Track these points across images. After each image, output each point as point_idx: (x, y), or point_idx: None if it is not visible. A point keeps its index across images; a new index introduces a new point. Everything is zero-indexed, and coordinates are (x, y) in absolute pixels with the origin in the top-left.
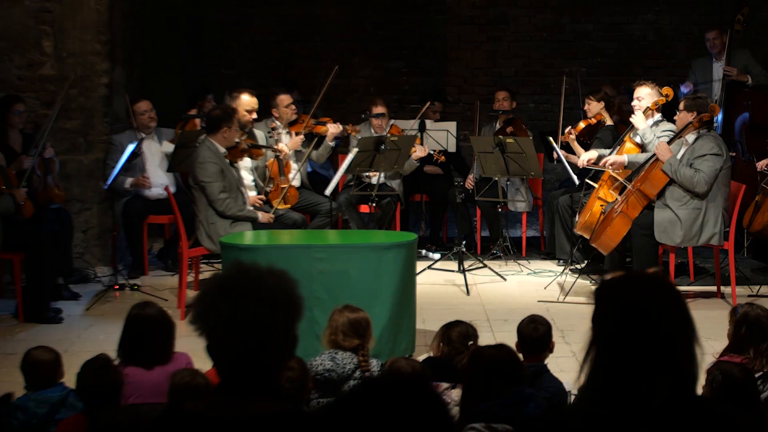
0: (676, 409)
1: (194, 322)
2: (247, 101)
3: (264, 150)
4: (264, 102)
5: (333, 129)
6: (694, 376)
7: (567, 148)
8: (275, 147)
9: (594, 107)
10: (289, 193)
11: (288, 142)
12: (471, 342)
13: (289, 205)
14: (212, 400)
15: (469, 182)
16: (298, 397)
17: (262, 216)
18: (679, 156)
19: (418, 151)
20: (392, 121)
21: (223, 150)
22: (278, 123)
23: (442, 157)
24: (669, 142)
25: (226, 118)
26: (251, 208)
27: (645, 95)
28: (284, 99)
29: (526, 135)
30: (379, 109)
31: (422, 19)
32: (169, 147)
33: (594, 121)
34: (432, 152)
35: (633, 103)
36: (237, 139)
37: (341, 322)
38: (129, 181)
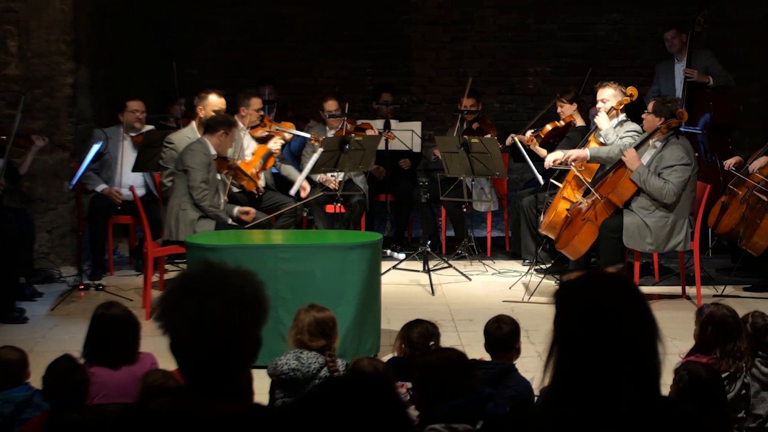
0: (641, 410)
1: (158, 320)
2: (215, 102)
3: (247, 179)
4: (230, 101)
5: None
6: (658, 375)
7: (530, 151)
8: (258, 184)
9: (567, 109)
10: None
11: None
12: (432, 342)
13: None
14: (176, 400)
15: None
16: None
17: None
18: (645, 161)
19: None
20: (344, 116)
21: (213, 153)
22: (241, 124)
23: (392, 135)
24: (636, 147)
25: (227, 123)
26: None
27: (609, 96)
28: (256, 102)
29: (494, 130)
30: (332, 106)
31: (387, 19)
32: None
33: (562, 123)
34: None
35: (597, 105)
36: (228, 155)
37: (307, 322)
38: (102, 187)
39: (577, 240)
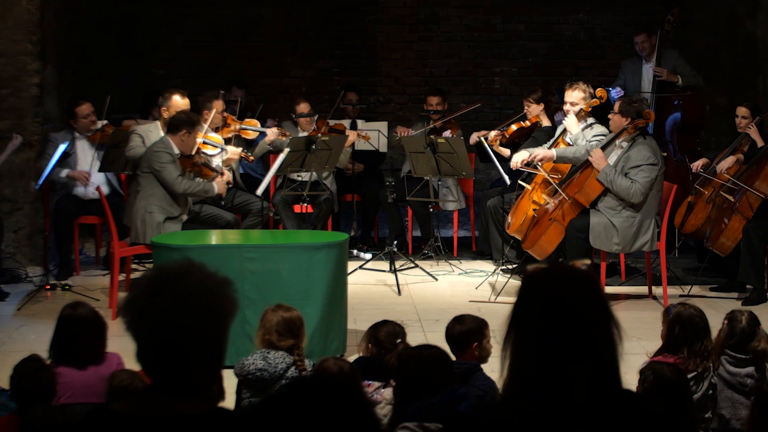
0: (605, 404)
1: (123, 318)
2: (179, 103)
3: (213, 173)
4: (197, 101)
5: (271, 135)
6: (616, 366)
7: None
8: (222, 172)
9: (534, 109)
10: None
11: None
12: (399, 340)
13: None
14: (140, 400)
15: None
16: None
17: (218, 185)
18: (612, 161)
19: (350, 136)
20: (317, 115)
21: (177, 152)
22: (204, 126)
23: (368, 136)
24: (603, 148)
25: (189, 123)
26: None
27: (577, 99)
28: (218, 105)
29: (456, 128)
30: (303, 108)
31: (353, 19)
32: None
33: (528, 124)
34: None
35: (566, 108)
36: (193, 152)
37: (275, 322)
38: (65, 171)
39: (544, 240)
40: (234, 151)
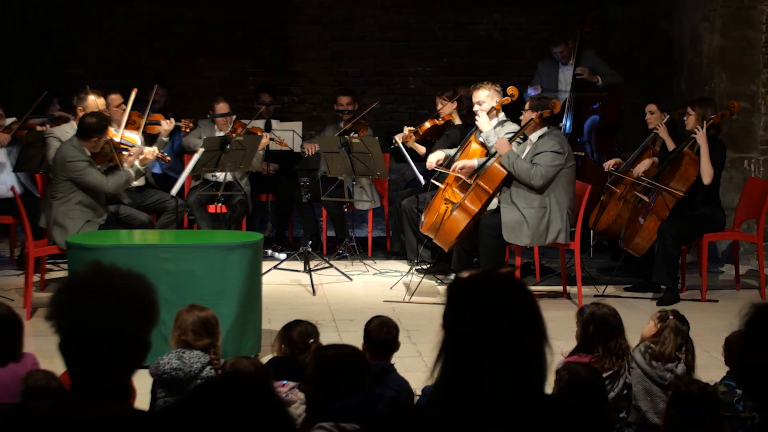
0: (529, 406)
1: (49, 319)
2: (93, 104)
3: (125, 155)
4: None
5: (166, 126)
6: (544, 374)
7: (410, 151)
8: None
9: (447, 107)
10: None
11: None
12: (312, 340)
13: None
14: (59, 401)
15: None
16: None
17: (137, 163)
18: (523, 156)
19: (264, 139)
20: (234, 116)
21: (88, 154)
22: (120, 127)
23: (284, 142)
24: (510, 140)
25: (99, 129)
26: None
27: (484, 98)
28: (115, 99)
29: (364, 130)
30: (222, 108)
31: (269, 19)
32: None
33: (441, 121)
34: (273, 139)
35: (474, 108)
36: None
37: (191, 321)
38: None
39: (448, 225)
40: (150, 152)
